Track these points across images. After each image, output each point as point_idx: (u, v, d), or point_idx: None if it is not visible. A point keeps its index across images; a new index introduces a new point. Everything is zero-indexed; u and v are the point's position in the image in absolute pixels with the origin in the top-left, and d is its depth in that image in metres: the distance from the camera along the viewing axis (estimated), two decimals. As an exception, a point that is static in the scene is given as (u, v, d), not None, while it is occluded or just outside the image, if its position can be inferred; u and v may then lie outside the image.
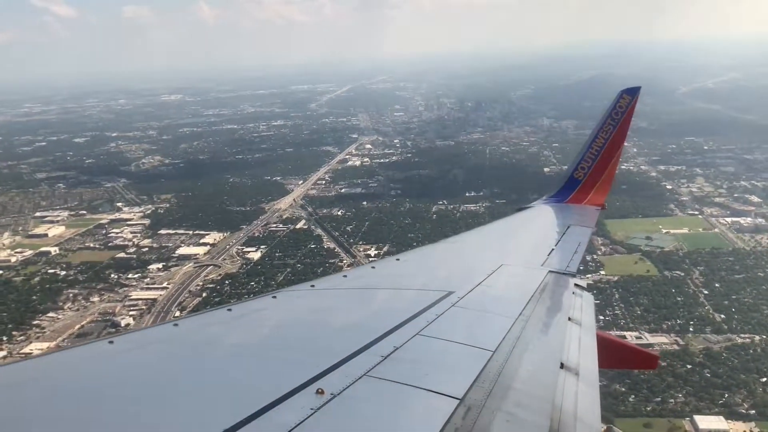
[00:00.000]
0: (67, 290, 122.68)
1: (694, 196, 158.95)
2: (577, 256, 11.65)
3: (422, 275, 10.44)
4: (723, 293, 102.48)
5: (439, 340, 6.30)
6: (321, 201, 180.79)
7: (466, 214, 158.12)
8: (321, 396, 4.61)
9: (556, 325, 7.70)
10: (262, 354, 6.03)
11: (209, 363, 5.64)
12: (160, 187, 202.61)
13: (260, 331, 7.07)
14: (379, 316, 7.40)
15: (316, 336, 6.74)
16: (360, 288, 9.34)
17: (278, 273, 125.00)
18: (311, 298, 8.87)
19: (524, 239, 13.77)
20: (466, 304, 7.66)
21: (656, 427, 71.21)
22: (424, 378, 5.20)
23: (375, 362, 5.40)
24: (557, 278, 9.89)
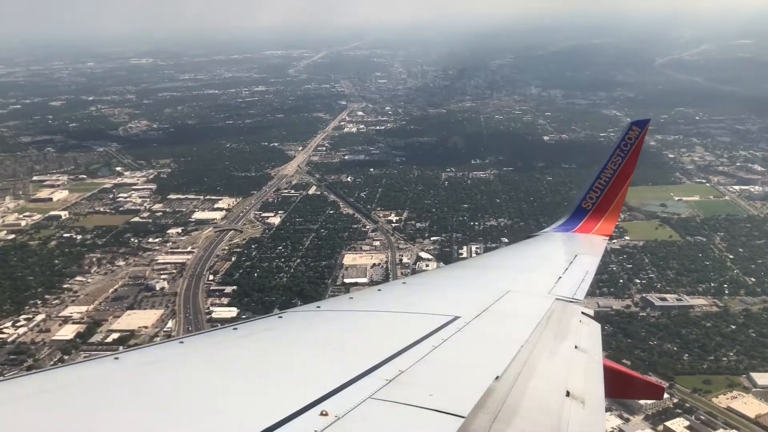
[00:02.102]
0: (88, 254, 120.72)
1: (697, 165, 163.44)
2: (585, 284, 11.41)
3: (429, 299, 10.21)
4: (748, 258, 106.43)
5: (444, 365, 6.24)
6: (326, 167, 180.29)
7: (477, 181, 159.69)
8: (325, 418, 4.58)
9: (562, 353, 7.57)
10: (266, 374, 6.02)
11: (214, 382, 5.64)
12: (155, 152, 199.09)
13: (265, 351, 6.92)
14: (384, 339, 7.27)
15: (321, 357, 6.69)
16: (366, 310, 9.20)
17: (303, 238, 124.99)
18: (317, 319, 8.79)
19: (532, 266, 13.52)
20: (472, 329, 7.56)
21: (715, 383, 74.27)
22: (429, 398, 5.14)
23: (380, 385, 5.34)
24: (564, 306, 9.72)
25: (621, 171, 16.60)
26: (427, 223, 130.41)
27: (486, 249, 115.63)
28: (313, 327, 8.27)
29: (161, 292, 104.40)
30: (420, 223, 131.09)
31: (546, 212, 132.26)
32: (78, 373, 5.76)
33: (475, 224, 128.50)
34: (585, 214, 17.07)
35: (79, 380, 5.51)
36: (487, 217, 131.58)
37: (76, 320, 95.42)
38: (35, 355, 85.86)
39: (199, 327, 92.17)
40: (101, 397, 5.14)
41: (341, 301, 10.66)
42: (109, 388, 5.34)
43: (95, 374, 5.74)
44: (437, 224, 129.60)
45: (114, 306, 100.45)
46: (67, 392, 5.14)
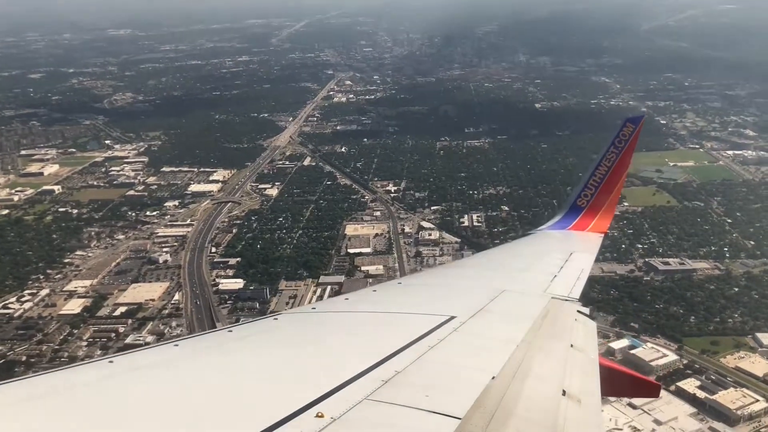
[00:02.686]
0: (86, 228, 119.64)
1: (689, 130, 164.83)
2: (580, 283, 11.32)
3: (424, 300, 10.21)
4: (746, 222, 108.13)
5: (440, 365, 6.21)
6: (319, 138, 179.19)
7: (472, 150, 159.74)
8: (321, 419, 4.56)
9: (558, 352, 7.53)
10: (262, 376, 5.99)
11: (209, 385, 5.62)
12: (143, 125, 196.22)
13: (261, 353, 6.90)
14: (380, 340, 7.26)
15: (317, 359, 6.69)
16: (361, 311, 9.16)
17: (303, 209, 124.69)
18: (313, 320, 8.76)
19: (527, 265, 13.44)
20: (468, 329, 7.55)
21: (722, 344, 75.94)
22: (425, 399, 5.13)
23: (376, 386, 5.33)
24: (560, 305, 9.66)
25: (615, 168, 16.51)
26: (426, 193, 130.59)
27: (487, 217, 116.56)
28: (309, 328, 8.23)
29: (164, 265, 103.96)
30: (419, 192, 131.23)
31: (544, 179, 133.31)
32: (73, 377, 5.72)
33: (474, 193, 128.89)
34: (580, 211, 17.01)
35: (74, 384, 5.47)
36: (486, 186, 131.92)
37: (81, 294, 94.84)
38: (44, 330, 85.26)
39: (207, 299, 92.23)
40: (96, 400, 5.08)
41: (336, 302, 10.74)
42: (104, 391, 5.28)
43: (90, 378, 5.66)
44: (436, 193, 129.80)
45: (118, 279, 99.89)
46: (62, 396, 5.10)
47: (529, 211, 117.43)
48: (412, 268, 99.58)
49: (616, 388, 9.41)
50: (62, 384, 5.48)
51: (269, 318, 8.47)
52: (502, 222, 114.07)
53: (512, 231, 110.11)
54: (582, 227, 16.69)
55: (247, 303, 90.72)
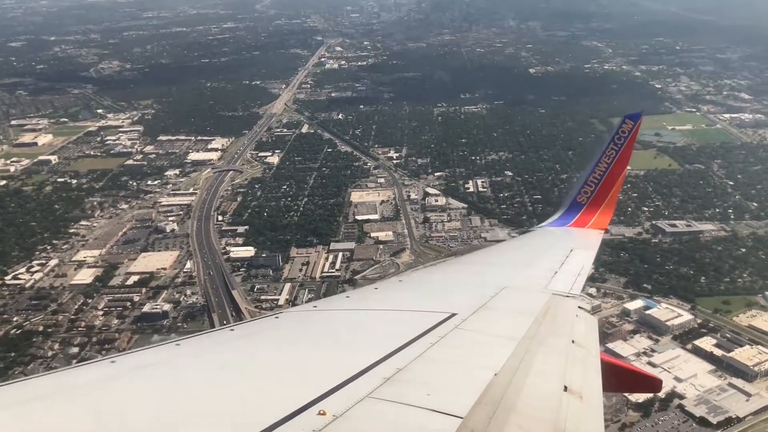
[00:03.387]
0: (87, 198, 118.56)
1: (684, 94, 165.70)
2: (581, 279, 11.32)
3: (425, 297, 10.21)
4: (747, 184, 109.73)
5: (442, 362, 6.23)
6: (314, 105, 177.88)
7: (470, 115, 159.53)
8: (323, 417, 4.57)
9: (559, 348, 7.51)
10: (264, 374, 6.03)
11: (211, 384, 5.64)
12: (134, 93, 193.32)
13: (262, 351, 6.91)
14: (381, 338, 7.26)
15: (318, 357, 6.69)
16: (362, 309, 9.15)
17: (306, 177, 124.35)
18: (314, 318, 8.77)
19: (527, 262, 13.45)
20: (469, 326, 7.55)
21: (734, 303, 77.62)
22: (427, 398, 5.13)
23: (377, 384, 5.34)
24: (561, 301, 9.70)
25: (615, 164, 16.50)
26: (428, 159, 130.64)
27: (491, 183, 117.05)
28: (310, 326, 8.25)
29: (172, 233, 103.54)
30: (421, 159, 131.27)
31: (545, 144, 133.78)
32: (75, 377, 5.74)
33: (476, 158, 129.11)
34: (580, 208, 17.00)
35: (77, 384, 5.47)
36: (487, 151, 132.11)
37: (91, 264, 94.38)
38: (57, 300, 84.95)
39: (218, 267, 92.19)
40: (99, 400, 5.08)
41: (338, 300, 10.76)
42: (107, 391, 5.28)
43: (93, 378, 5.67)
44: (438, 160, 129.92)
45: (126, 249, 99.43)
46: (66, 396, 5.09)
47: (533, 176, 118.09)
48: (421, 234, 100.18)
49: (617, 384, 9.36)
50: (65, 384, 5.50)
51: (270, 317, 8.50)
52: (507, 187, 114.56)
53: (518, 196, 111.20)
54: (582, 224, 16.69)
55: (261, 270, 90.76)
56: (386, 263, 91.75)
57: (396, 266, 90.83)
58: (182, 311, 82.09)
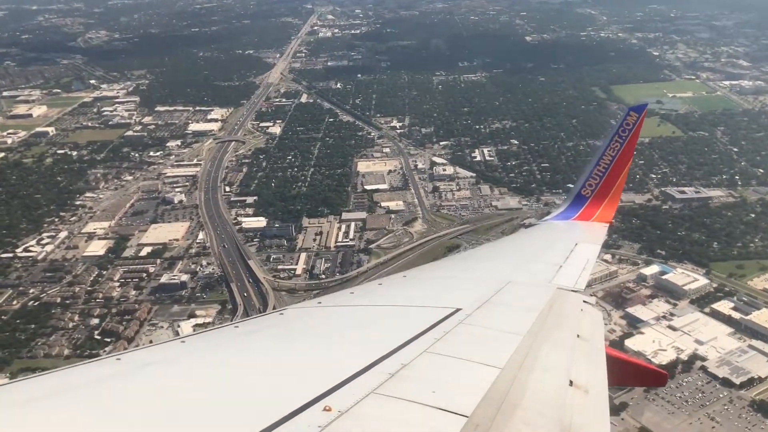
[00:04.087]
0: (90, 170, 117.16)
1: (682, 61, 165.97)
2: (586, 273, 11.26)
3: (429, 292, 10.17)
4: (752, 150, 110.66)
5: (446, 358, 6.19)
6: (311, 74, 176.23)
7: (470, 84, 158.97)
8: (328, 413, 4.57)
9: (564, 343, 7.48)
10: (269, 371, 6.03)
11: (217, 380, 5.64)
12: (125, 64, 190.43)
13: (267, 348, 6.93)
14: (386, 333, 7.25)
15: (323, 353, 6.70)
16: (367, 305, 9.14)
17: (311, 147, 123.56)
18: (318, 314, 8.79)
19: (531, 256, 13.41)
20: (473, 321, 7.54)
21: (748, 268, 78.82)
22: (432, 395, 5.09)
23: (382, 379, 5.33)
24: (566, 295, 9.63)
25: (619, 157, 16.34)
26: (431, 129, 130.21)
27: (498, 151, 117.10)
28: (315, 323, 8.27)
29: (180, 205, 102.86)
30: (424, 128, 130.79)
31: (548, 112, 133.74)
32: (81, 374, 5.73)
33: (480, 127, 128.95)
34: (584, 201, 16.80)
35: (83, 381, 5.48)
36: (491, 120, 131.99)
37: (102, 236, 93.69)
38: (71, 272, 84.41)
39: (230, 237, 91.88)
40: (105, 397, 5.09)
41: (342, 296, 10.73)
42: (113, 388, 5.29)
43: (98, 375, 5.70)
44: (442, 129, 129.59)
45: (136, 220, 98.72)
46: (70, 394, 5.09)
47: (538, 144, 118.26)
48: (431, 203, 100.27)
49: (623, 378, 9.38)
50: (72, 381, 5.49)
51: (275, 313, 8.45)
52: (514, 155, 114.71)
53: (525, 164, 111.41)
54: (587, 217, 16.52)
55: (275, 240, 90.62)
56: (399, 232, 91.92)
57: (410, 235, 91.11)
58: (200, 282, 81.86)
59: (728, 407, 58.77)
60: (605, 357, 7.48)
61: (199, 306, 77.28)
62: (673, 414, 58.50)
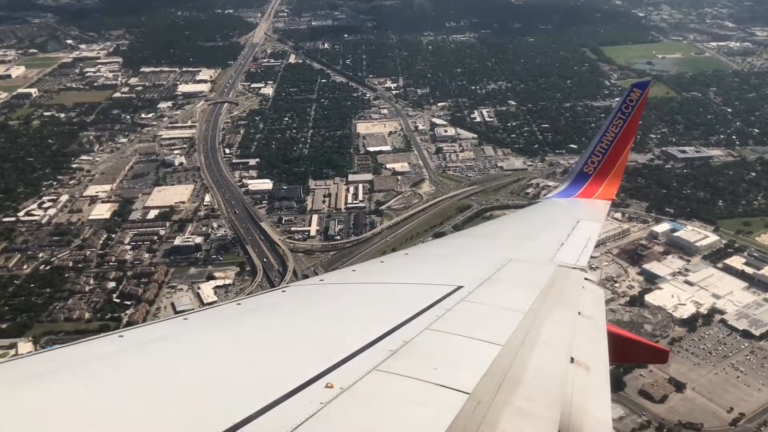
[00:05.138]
0: (82, 132, 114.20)
1: (668, 23, 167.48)
2: (587, 250, 11.25)
3: (431, 270, 10.17)
4: (746, 110, 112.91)
5: (448, 335, 6.18)
6: (296, 34, 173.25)
7: (460, 45, 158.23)
8: (330, 390, 4.58)
9: (565, 320, 7.49)
10: (271, 348, 6.02)
11: (218, 357, 5.65)
12: (101, 23, 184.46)
13: (269, 325, 6.89)
14: (387, 311, 7.24)
15: (326, 330, 6.70)
16: (369, 282, 9.14)
17: (306, 108, 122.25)
18: (320, 292, 8.76)
19: (533, 233, 13.36)
20: (475, 298, 7.53)
21: (754, 225, 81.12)
22: (434, 372, 5.10)
23: (384, 356, 5.34)
24: (567, 273, 9.68)
25: (622, 134, 16.20)
26: (427, 89, 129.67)
27: (497, 112, 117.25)
28: (317, 300, 8.27)
29: (181, 167, 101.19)
30: (420, 89, 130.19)
31: (542, 73, 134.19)
32: (84, 351, 5.68)
33: (476, 88, 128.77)
34: (587, 178, 16.71)
35: (86, 358, 5.44)
36: (486, 81, 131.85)
37: (105, 199, 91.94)
38: (79, 235, 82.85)
39: (237, 199, 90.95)
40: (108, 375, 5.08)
41: (344, 273, 10.81)
42: (116, 365, 5.28)
43: (101, 352, 5.66)
44: (438, 90, 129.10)
45: (137, 183, 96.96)
46: (72, 371, 5.07)
47: (536, 105, 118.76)
48: (437, 165, 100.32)
49: (624, 355, 9.39)
50: (74, 358, 5.44)
51: (277, 290, 8.53)
52: (513, 116, 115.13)
53: (525, 125, 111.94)
54: (589, 194, 16.44)
55: (284, 202, 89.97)
56: (408, 194, 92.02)
57: (419, 197, 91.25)
58: (213, 244, 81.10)
59: (750, 357, 61.12)
60: (606, 334, 7.57)
61: (216, 268, 76.67)
62: (699, 365, 60.59)
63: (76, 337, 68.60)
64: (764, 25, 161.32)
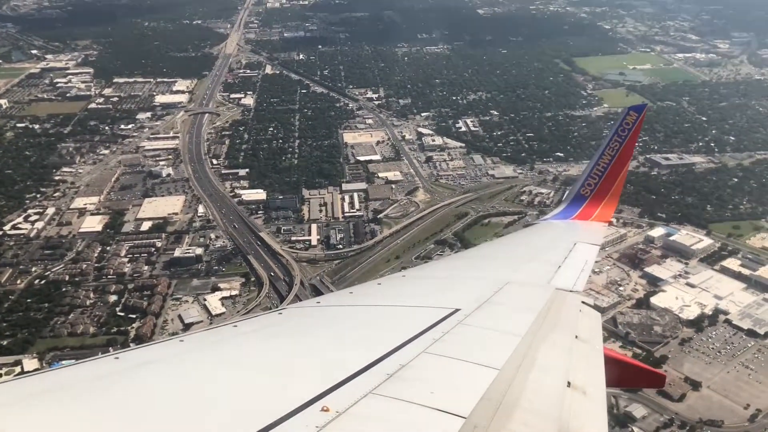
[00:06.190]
0: (60, 144, 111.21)
1: (634, 35, 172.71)
2: (584, 274, 11.24)
3: (428, 292, 10.17)
4: (720, 119, 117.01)
5: (445, 358, 6.13)
6: (269, 45, 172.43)
7: (435, 56, 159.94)
8: (326, 413, 4.54)
9: (562, 344, 7.46)
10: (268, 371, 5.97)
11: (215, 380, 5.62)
12: (66, 33, 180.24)
13: (266, 347, 6.87)
14: (384, 334, 7.21)
15: (322, 353, 6.66)
16: (366, 305, 9.10)
17: (290, 118, 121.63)
18: (317, 314, 8.74)
19: (530, 256, 13.37)
20: (472, 321, 7.48)
21: (743, 228, 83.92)
22: (430, 396, 5.05)
23: (380, 380, 5.28)
24: (564, 296, 9.63)
25: (619, 156, 16.16)
26: (409, 100, 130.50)
27: (481, 122, 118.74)
28: (314, 322, 8.24)
29: (169, 178, 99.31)
30: (402, 99, 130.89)
31: (519, 84, 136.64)
32: (79, 373, 5.71)
33: (457, 98, 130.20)
34: (584, 200, 16.71)
35: (81, 380, 5.46)
36: (465, 92, 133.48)
37: (94, 212, 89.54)
38: (72, 248, 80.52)
39: (231, 209, 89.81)
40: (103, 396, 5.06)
41: (341, 295, 11.21)
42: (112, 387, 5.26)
43: (97, 374, 5.64)
44: (420, 100, 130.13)
45: (126, 195, 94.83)
46: (68, 393, 5.07)
47: (518, 115, 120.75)
48: (428, 173, 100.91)
49: (621, 379, 9.34)
50: (70, 380, 5.45)
51: (273, 313, 8.46)
52: (497, 126, 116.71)
53: (511, 134, 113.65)
54: (586, 216, 16.42)
55: (280, 212, 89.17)
56: (404, 202, 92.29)
57: (415, 205, 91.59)
58: (213, 255, 79.81)
59: (758, 356, 63.02)
60: (603, 358, 7.55)
61: (220, 279, 75.40)
62: (710, 364, 62.18)
63: (82, 352, 67.18)
64: (724, 38, 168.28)
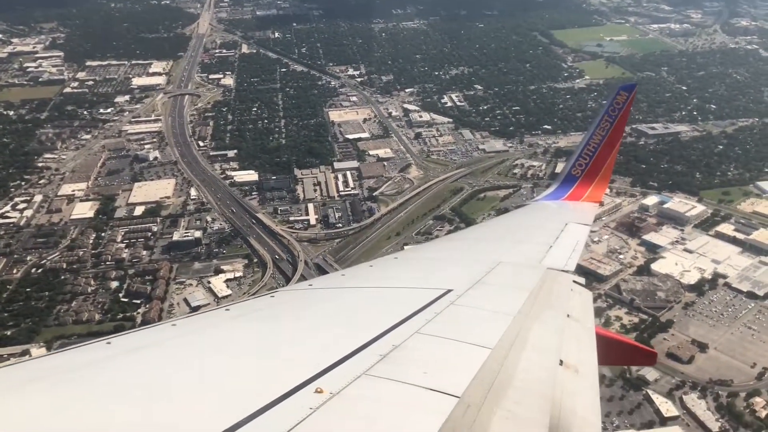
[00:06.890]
0: (39, 130, 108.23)
1: (607, 7, 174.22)
2: (576, 253, 11.27)
3: (421, 273, 10.21)
4: (699, 88, 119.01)
5: (437, 338, 6.16)
6: (242, 24, 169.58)
7: (412, 32, 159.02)
8: (320, 395, 4.57)
9: (554, 323, 7.49)
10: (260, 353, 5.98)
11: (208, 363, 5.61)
12: (29, 16, 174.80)
13: (259, 330, 6.87)
14: (377, 315, 7.24)
15: (315, 335, 6.66)
16: (358, 287, 9.13)
17: (273, 98, 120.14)
18: (309, 297, 8.79)
19: (522, 236, 13.49)
20: (464, 301, 7.54)
21: (732, 194, 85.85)
22: (423, 376, 5.11)
23: (374, 361, 5.33)
24: (556, 275, 9.70)
25: (609, 136, 16.23)
26: (391, 76, 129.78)
27: (465, 97, 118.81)
28: (306, 305, 8.30)
29: (157, 162, 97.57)
30: (384, 76, 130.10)
31: (500, 58, 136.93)
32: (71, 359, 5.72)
33: (439, 74, 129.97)
34: (575, 181, 16.77)
35: (73, 366, 5.43)
36: (447, 66, 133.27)
37: (83, 198, 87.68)
38: (65, 236, 78.83)
39: (224, 191, 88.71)
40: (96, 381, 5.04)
41: (333, 278, 11.14)
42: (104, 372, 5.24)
43: (89, 359, 5.60)
44: (402, 76, 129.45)
45: (114, 180, 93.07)
46: (62, 378, 5.07)
47: (502, 89, 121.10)
48: (419, 150, 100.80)
49: (612, 357, 9.40)
50: (62, 366, 5.43)
51: (266, 296, 8.41)
52: (482, 100, 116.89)
53: (497, 108, 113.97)
54: (577, 197, 16.51)
55: (275, 193, 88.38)
56: (398, 179, 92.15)
57: (409, 182, 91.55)
58: (212, 237, 78.91)
59: (759, 316, 64.86)
60: (595, 337, 7.63)
61: (222, 261, 74.64)
62: (715, 326, 63.83)
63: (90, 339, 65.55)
64: (696, 7, 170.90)
